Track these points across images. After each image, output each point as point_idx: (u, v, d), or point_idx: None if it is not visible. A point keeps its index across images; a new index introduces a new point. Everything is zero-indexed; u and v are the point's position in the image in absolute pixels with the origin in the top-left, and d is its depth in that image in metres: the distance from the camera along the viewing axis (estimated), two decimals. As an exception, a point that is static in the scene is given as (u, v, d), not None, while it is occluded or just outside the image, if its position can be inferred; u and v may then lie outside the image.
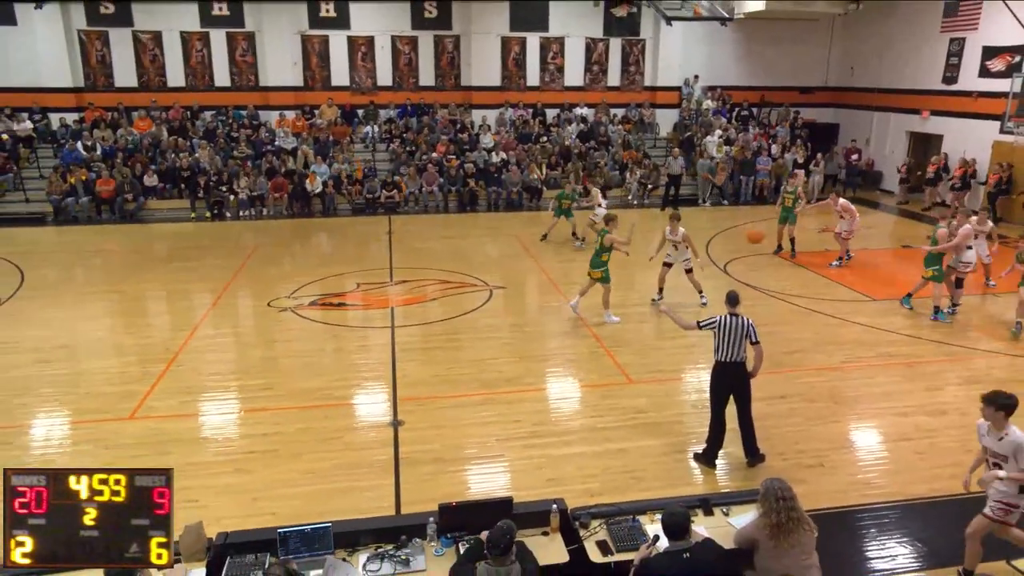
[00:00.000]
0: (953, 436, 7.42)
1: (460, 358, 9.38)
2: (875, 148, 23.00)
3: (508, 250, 15.32)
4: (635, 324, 10.76)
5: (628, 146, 21.87)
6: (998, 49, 18.27)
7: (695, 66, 23.51)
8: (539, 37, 22.66)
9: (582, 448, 7.10)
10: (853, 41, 23.74)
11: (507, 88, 22.83)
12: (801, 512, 4.47)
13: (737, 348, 6.63)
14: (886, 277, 13.43)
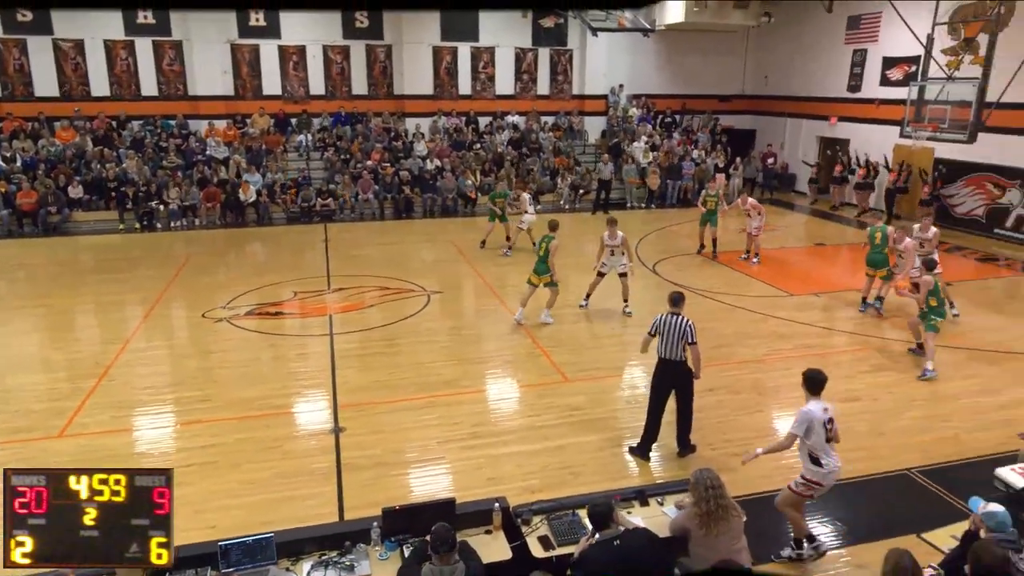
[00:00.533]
0: (865, 420, 7.77)
1: (399, 363, 9.30)
2: (789, 152, 23.91)
3: (444, 255, 15.27)
4: (570, 324, 10.88)
5: (559, 152, 22.11)
6: (896, 59, 19.28)
7: (620, 75, 23.96)
8: (470, 47, 22.69)
9: (521, 447, 7.13)
10: (767, 52, 24.64)
11: (440, 97, 22.77)
12: (729, 499, 4.62)
13: (676, 347, 6.73)
14: (802, 273, 13.98)
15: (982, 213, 17.16)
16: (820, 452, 5.20)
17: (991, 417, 7.84)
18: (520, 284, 13.31)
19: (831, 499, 6.28)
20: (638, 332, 10.50)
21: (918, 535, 5.66)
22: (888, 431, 7.56)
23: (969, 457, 6.97)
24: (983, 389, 8.59)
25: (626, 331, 10.61)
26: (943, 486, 6.44)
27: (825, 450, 5.20)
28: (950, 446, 7.21)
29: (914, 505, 6.23)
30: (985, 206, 17.10)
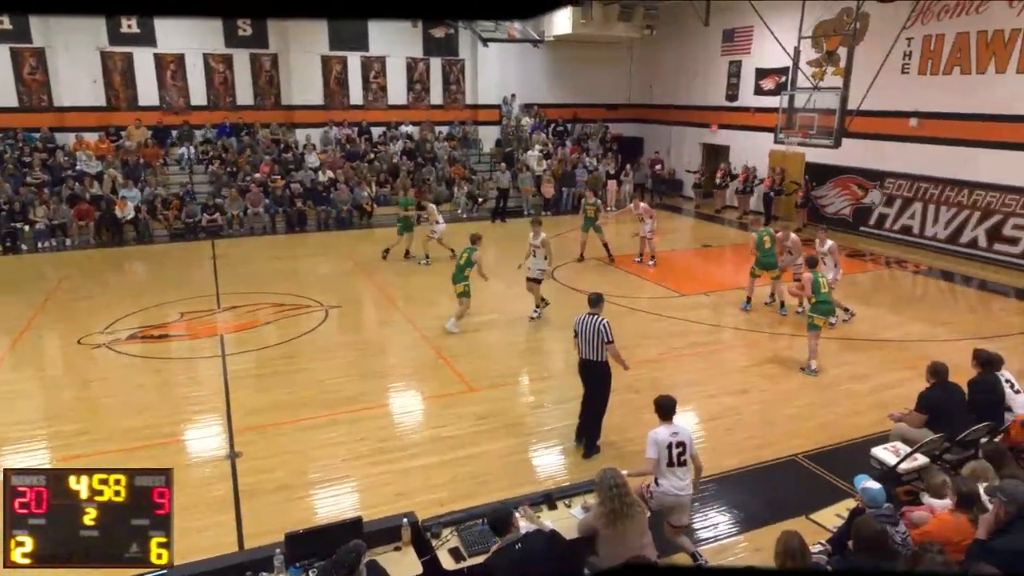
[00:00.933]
0: (754, 411, 8.21)
1: (299, 381, 9.01)
2: (675, 159, 24.99)
3: (341, 269, 14.95)
4: (472, 333, 10.89)
5: (454, 162, 22.15)
6: (768, 71, 20.58)
7: (512, 85, 24.30)
8: (360, 56, 22.37)
9: (428, 459, 7.07)
10: (651, 63, 25.67)
11: (330, 107, 22.30)
12: (633, 497, 4.75)
13: (593, 347, 6.93)
14: (691, 274, 14.62)
15: (849, 212, 18.55)
16: (658, 474, 5.35)
17: (865, 401, 8.47)
18: (419, 294, 13.24)
19: (728, 490, 6.60)
20: (540, 339, 10.71)
21: (807, 516, 6.05)
22: (776, 420, 8.02)
23: (848, 440, 7.50)
24: (855, 375, 9.28)
25: (529, 338, 10.74)
26: (827, 469, 6.89)
27: (663, 473, 5.33)
28: (831, 430, 7.73)
29: (802, 488, 6.63)
30: (851, 206, 18.50)
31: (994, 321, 11.76)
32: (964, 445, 6.35)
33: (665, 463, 5.32)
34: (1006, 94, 14.62)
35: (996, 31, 14.75)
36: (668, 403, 5.51)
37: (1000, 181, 14.93)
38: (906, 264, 15.49)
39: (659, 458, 5.32)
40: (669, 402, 5.52)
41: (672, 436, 5.36)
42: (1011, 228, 14.84)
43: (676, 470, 5.35)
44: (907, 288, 14.10)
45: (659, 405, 5.53)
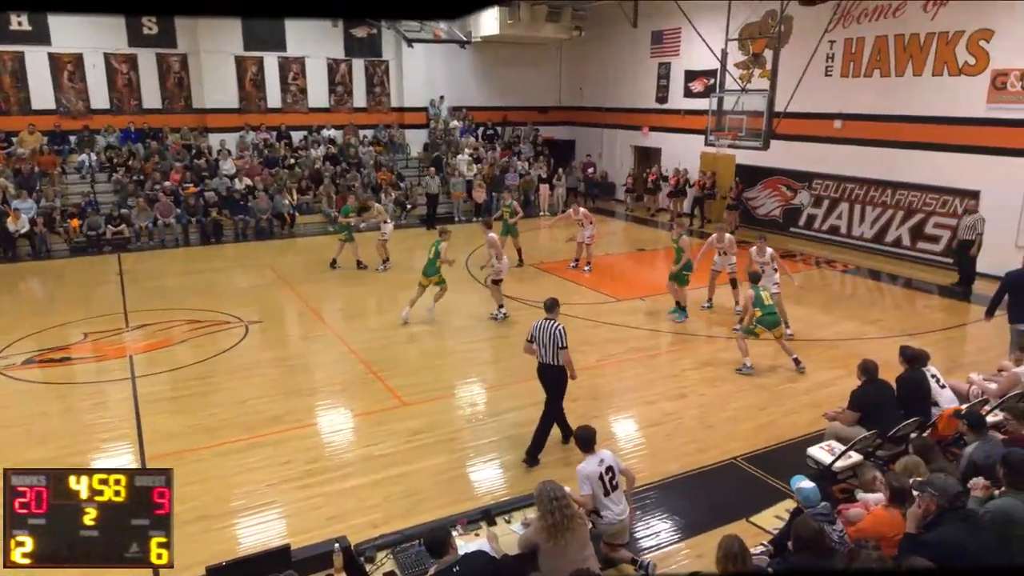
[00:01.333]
0: (693, 415, 8.42)
1: (218, 402, 8.72)
2: (607, 162, 25.46)
3: (261, 281, 14.57)
4: (404, 346, 10.80)
5: (380, 167, 21.94)
6: (697, 73, 21.22)
7: (440, 87, 24.28)
8: (277, 57, 21.92)
9: (360, 479, 6.95)
10: (580, 64, 26.10)
11: (246, 110, 21.76)
12: (574, 509, 4.79)
13: (548, 351, 7.14)
14: (626, 279, 14.88)
15: (779, 213, 19.29)
16: (600, 506, 5.40)
17: (800, 401, 8.81)
18: (347, 306, 13.04)
19: (669, 496, 6.73)
20: (474, 349, 10.70)
21: (747, 519, 6.23)
22: (715, 423, 8.24)
23: (786, 440, 7.77)
24: (791, 376, 9.63)
25: (463, 348, 10.72)
26: (765, 470, 7.12)
27: (602, 503, 5.39)
28: (769, 432, 7.99)
29: (742, 491, 6.83)
30: (781, 207, 19.25)
31: (919, 318, 12.42)
32: (895, 441, 6.67)
33: (601, 494, 5.37)
34: (923, 96, 15.51)
35: (912, 34, 15.65)
36: (588, 435, 5.52)
37: (920, 181, 15.81)
38: (835, 264, 16.20)
39: (593, 492, 5.36)
40: (588, 433, 5.53)
41: (600, 466, 5.41)
42: (932, 227, 15.72)
43: (612, 497, 5.42)
44: (837, 287, 14.73)
45: (579, 438, 5.54)
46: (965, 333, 11.80)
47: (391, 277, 14.70)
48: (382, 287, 14.15)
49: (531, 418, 8.24)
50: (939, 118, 15.25)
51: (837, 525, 4.82)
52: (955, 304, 13.30)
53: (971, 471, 5.41)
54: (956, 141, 14.98)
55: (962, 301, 13.42)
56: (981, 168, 14.57)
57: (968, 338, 11.53)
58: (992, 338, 10.90)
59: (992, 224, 14.34)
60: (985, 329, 11.76)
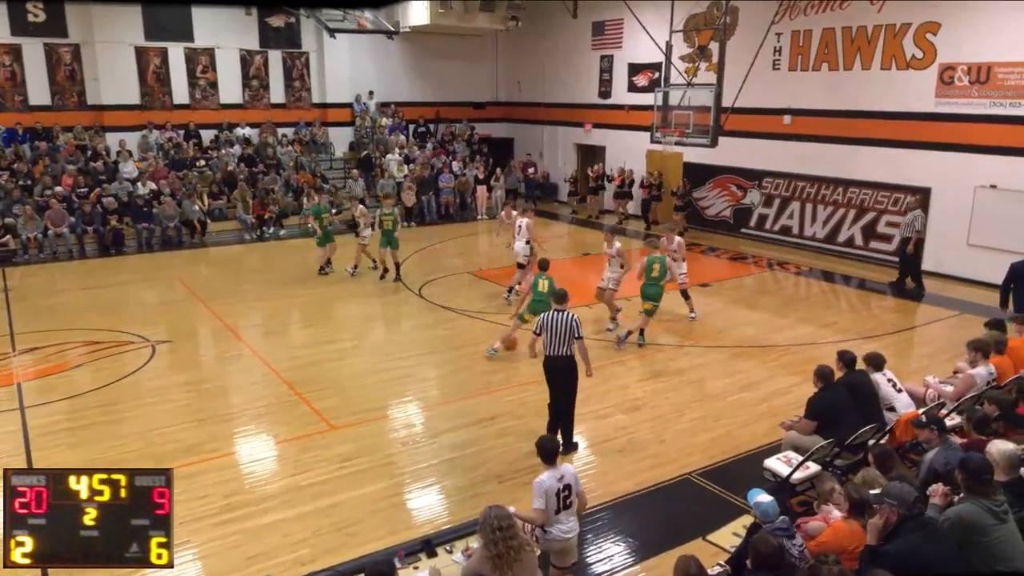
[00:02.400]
0: (648, 429, 8.55)
1: (123, 432, 8.44)
2: (548, 161, 25.70)
3: (170, 296, 14.17)
4: (331, 363, 10.66)
5: (301, 168, 21.64)
6: (641, 66, 21.66)
7: (366, 81, 24.12)
8: (184, 48, 21.42)
9: (286, 513, 6.81)
10: (518, 57, 26.31)
11: (149, 107, 21.19)
12: (521, 537, 4.78)
13: (562, 343, 7.56)
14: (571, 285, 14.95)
15: (729, 214, 19.81)
16: (548, 523, 5.42)
17: (756, 410, 9.04)
18: (267, 322, 12.80)
19: (622, 517, 6.81)
20: (408, 365, 10.63)
21: (703, 538, 6.35)
22: (669, 436, 8.38)
23: (742, 452, 7.96)
24: (746, 384, 9.89)
25: (395, 365, 10.64)
26: (722, 485, 7.28)
27: (551, 519, 5.41)
28: (724, 444, 8.18)
29: (697, 508, 6.96)
30: (731, 207, 19.78)
31: (874, 319, 12.92)
32: (853, 449, 6.91)
33: (553, 511, 5.41)
34: (872, 91, 16.19)
35: (860, 27, 16.33)
36: (551, 446, 5.58)
37: (872, 178, 16.48)
38: (788, 265, 16.72)
39: (549, 508, 5.40)
40: (552, 445, 5.59)
41: (559, 482, 5.46)
42: (884, 225, 16.40)
43: (562, 514, 5.46)
44: (790, 290, 15.21)
45: (541, 448, 5.57)
46: (920, 334, 12.32)
47: (315, 290, 14.49)
48: (305, 300, 13.94)
49: (473, 438, 8.27)
50: (889, 113, 15.95)
51: (796, 540, 4.96)
52: (909, 305, 13.88)
53: (931, 477, 5.64)
54: (906, 137, 15.69)
55: (914, 301, 14.03)
56: (932, 165, 15.28)
57: (923, 339, 12.05)
58: (947, 339, 11.43)
59: (944, 223, 15.07)
60: (940, 330, 12.32)
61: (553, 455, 5.52)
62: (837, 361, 7.47)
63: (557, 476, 5.45)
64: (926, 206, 15.35)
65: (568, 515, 5.49)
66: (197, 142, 21.50)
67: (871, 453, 5.85)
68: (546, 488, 5.38)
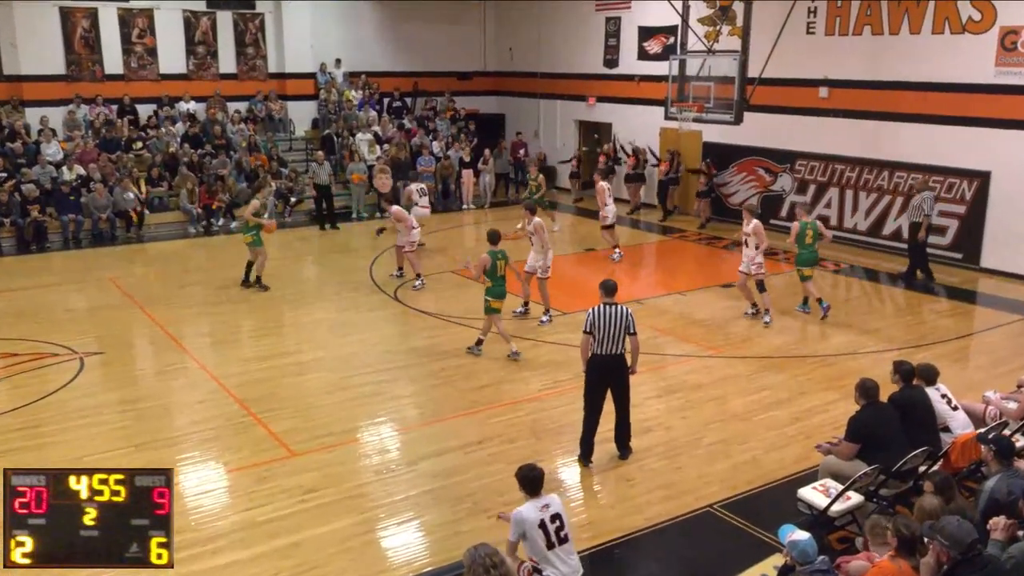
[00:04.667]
0: (660, 454, 8.56)
1: (47, 459, 8.39)
2: (545, 140, 25.70)
3: (101, 300, 14.14)
4: (291, 379, 10.65)
5: (256, 149, 21.59)
6: (653, 30, 21.69)
7: (332, 49, 24.08)
8: (116, 8, 21.34)
9: (238, 553, 6.81)
10: (509, 20, 26.35)
11: (77, 78, 21.11)
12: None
13: (615, 340, 7.82)
14: (572, 287, 15.04)
15: (756, 202, 19.84)
16: (540, 561, 5.49)
17: (787, 432, 9.07)
18: (216, 330, 12.77)
19: (633, 556, 6.81)
20: (380, 381, 10.62)
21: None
22: (685, 463, 8.39)
23: (771, 481, 7.98)
24: (775, 402, 9.91)
25: (365, 380, 10.62)
26: (748, 519, 7.29)
27: (546, 558, 5.47)
28: (750, 471, 8.20)
29: (721, 546, 6.97)
30: (758, 194, 19.82)
31: (924, 325, 12.98)
32: (901, 476, 6.93)
33: (543, 545, 5.42)
34: (922, 59, 16.23)
35: (908, -16, 16.38)
36: (535, 475, 5.61)
37: (921, 160, 16.52)
38: (825, 262, 16.72)
39: (533, 541, 5.41)
40: (536, 473, 5.62)
41: (543, 511, 5.47)
42: (937, 216, 16.41)
43: (559, 551, 5.46)
44: (827, 291, 15.23)
45: (524, 478, 5.62)
46: (978, 342, 12.39)
47: (271, 294, 14.44)
48: (260, 305, 13.90)
49: (457, 465, 8.27)
50: (941, 85, 16.00)
51: (836, 582, 4.97)
52: (964, 308, 13.95)
53: (993, 509, 5.66)
54: (961, 112, 15.73)
55: (968, 304, 14.09)
56: (991, 145, 15.32)
57: (981, 348, 12.11)
58: (1009, 347, 11.48)
59: (1004, 212, 15.14)
60: (1001, 337, 12.37)
61: (538, 484, 5.55)
62: (893, 373, 7.49)
63: (540, 506, 5.47)
64: (984, 193, 15.43)
65: (567, 552, 5.50)
66: (133, 119, 21.44)
67: (930, 481, 5.85)
68: (526, 519, 5.41)
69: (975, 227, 15.79)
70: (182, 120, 21.81)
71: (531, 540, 5.40)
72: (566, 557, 5.48)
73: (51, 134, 19.78)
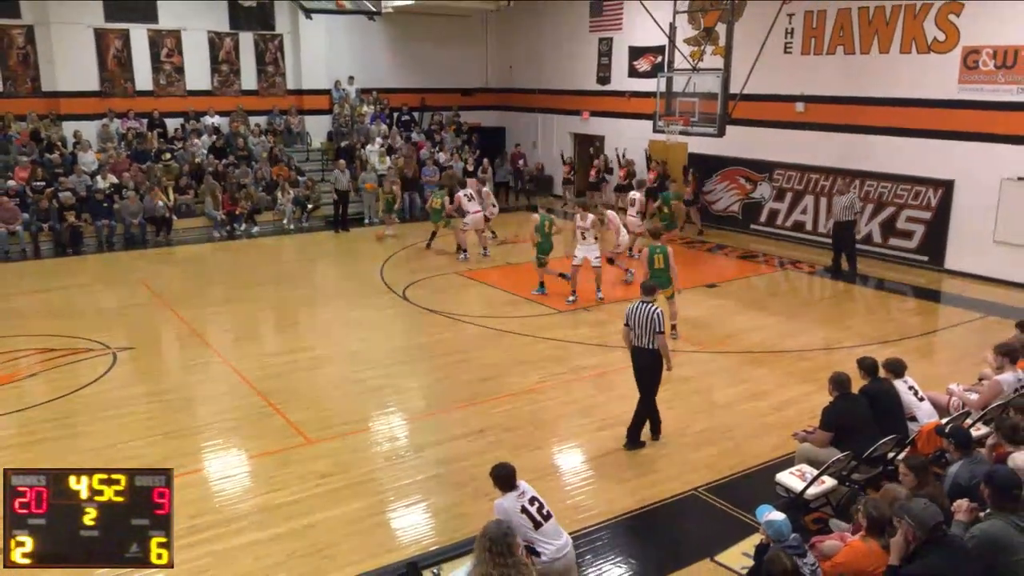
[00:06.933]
0: (650, 442, 8.54)
1: (81, 447, 8.40)
2: (543, 152, 25.71)
3: (132, 300, 14.12)
4: (307, 372, 10.63)
5: (276, 160, 21.59)
6: (642, 49, 21.69)
7: (346, 66, 24.07)
8: (147, 30, 21.33)
9: (258, 534, 6.79)
10: (509, 40, 26.32)
11: (110, 94, 21.09)
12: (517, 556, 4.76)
13: (646, 335, 8.03)
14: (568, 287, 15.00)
15: (738, 209, 19.85)
16: (533, 542, 5.44)
17: (766, 421, 9.05)
18: (237, 327, 12.77)
19: (624, 537, 6.80)
20: (391, 374, 10.61)
21: (711, 559, 6.35)
22: (673, 450, 8.38)
23: (752, 466, 7.96)
24: (756, 393, 9.89)
25: (376, 373, 10.62)
26: (730, 501, 7.28)
27: (535, 539, 5.43)
28: (732, 457, 8.18)
29: (705, 527, 6.97)
30: (740, 201, 19.81)
31: (893, 322, 12.96)
32: (871, 462, 6.93)
33: (531, 527, 5.40)
34: (891, 76, 16.24)
35: (877, 7, 16.38)
36: (507, 473, 5.57)
37: (890, 170, 16.52)
38: (800, 264, 16.75)
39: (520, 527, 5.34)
40: (508, 471, 5.58)
41: (520, 498, 5.48)
42: (905, 221, 16.44)
43: (546, 529, 5.44)
44: (803, 291, 15.26)
45: (498, 478, 5.57)
46: (942, 338, 12.36)
47: (289, 293, 14.45)
48: (279, 303, 13.91)
49: (461, 452, 8.26)
50: (909, 100, 15.99)
51: (808, 558, 4.96)
52: (930, 307, 13.94)
53: (956, 492, 5.65)
54: (927, 126, 15.72)
55: (933, 303, 14.08)
56: (955, 155, 15.31)
57: (946, 344, 12.09)
58: (971, 343, 11.47)
59: (967, 218, 15.13)
60: (964, 334, 12.37)
61: (510, 480, 5.54)
62: (858, 369, 7.49)
63: (516, 494, 5.47)
64: (948, 200, 15.43)
65: (554, 526, 5.48)
66: (162, 132, 21.41)
67: (905, 464, 5.82)
68: (508, 508, 5.40)
69: (940, 231, 15.76)
70: (207, 133, 21.80)
71: (518, 526, 5.36)
72: (555, 533, 5.46)
73: (87, 145, 19.77)
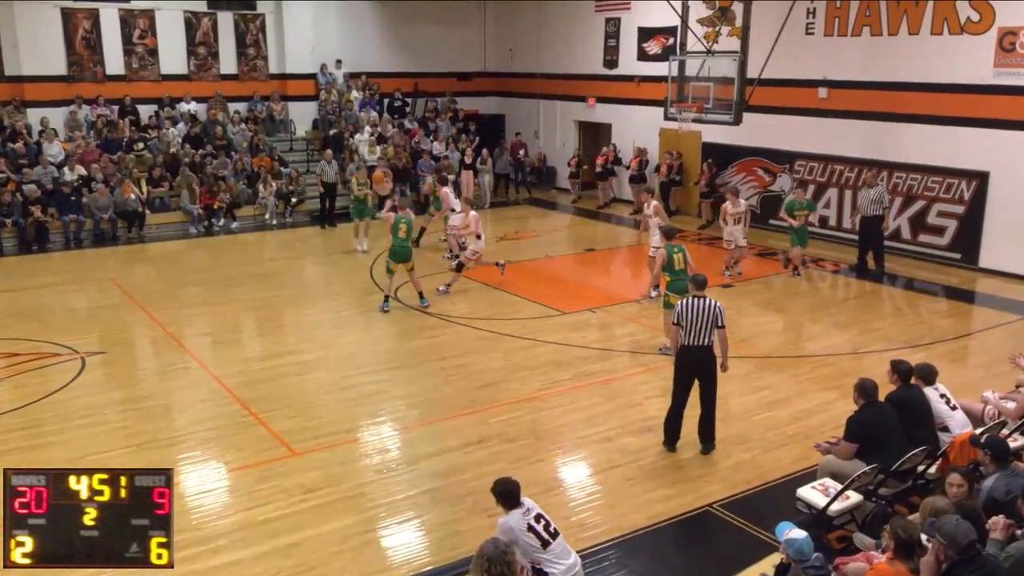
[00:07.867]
0: (659, 453, 8.55)
1: (48, 459, 8.39)
2: (545, 141, 25.71)
3: (103, 300, 14.15)
4: (292, 378, 10.64)
5: (257, 151, 21.59)
6: (653, 31, 21.68)
7: (333, 49, 24.06)
8: (118, 9, 21.31)
9: (239, 553, 6.80)
10: (509, 21, 26.31)
11: (78, 78, 21.08)
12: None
13: (703, 332, 8.03)
14: (572, 287, 15.05)
15: (756, 203, 19.84)
16: (541, 563, 5.48)
17: (786, 431, 9.06)
18: (216, 330, 12.78)
19: (633, 555, 6.81)
20: (381, 380, 10.62)
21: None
22: (686, 463, 8.39)
23: (770, 480, 7.97)
24: (774, 401, 9.91)
25: (366, 380, 10.62)
26: (747, 518, 7.28)
27: (543, 560, 5.47)
28: (750, 471, 8.19)
29: (720, 545, 6.99)
30: (757, 194, 19.81)
31: (923, 325, 12.97)
32: (899, 475, 6.93)
33: (539, 546, 5.42)
34: (921, 59, 16.23)
35: (907, -15, 16.38)
36: (511, 489, 5.61)
37: (920, 161, 16.52)
38: (823, 262, 16.76)
39: (527, 546, 5.41)
40: (512, 488, 5.61)
41: (526, 516, 5.49)
42: (936, 216, 16.44)
43: (554, 548, 5.46)
44: (826, 291, 15.27)
45: (501, 494, 5.61)
46: (977, 342, 12.38)
47: (272, 293, 14.46)
48: (261, 304, 13.91)
49: (457, 465, 8.26)
50: (940, 85, 15.99)
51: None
52: (963, 308, 13.95)
53: (991, 508, 5.66)
54: (960, 113, 15.72)
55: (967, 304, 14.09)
56: (990, 145, 15.30)
57: (980, 348, 12.10)
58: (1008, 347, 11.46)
59: (1003, 212, 15.13)
60: (1000, 337, 12.37)
61: (514, 497, 5.56)
62: (891, 373, 7.49)
63: (522, 512, 5.48)
64: (983, 193, 15.42)
65: (563, 548, 5.50)
66: (134, 120, 21.41)
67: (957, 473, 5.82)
68: (513, 526, 5.41)
69: (974, 227, 15.78)
70: (183, 121, 21.77)
71: (524, 547, 5.37)
72: (563, 552, 5.48)
73: (52, 135, 19.77)
